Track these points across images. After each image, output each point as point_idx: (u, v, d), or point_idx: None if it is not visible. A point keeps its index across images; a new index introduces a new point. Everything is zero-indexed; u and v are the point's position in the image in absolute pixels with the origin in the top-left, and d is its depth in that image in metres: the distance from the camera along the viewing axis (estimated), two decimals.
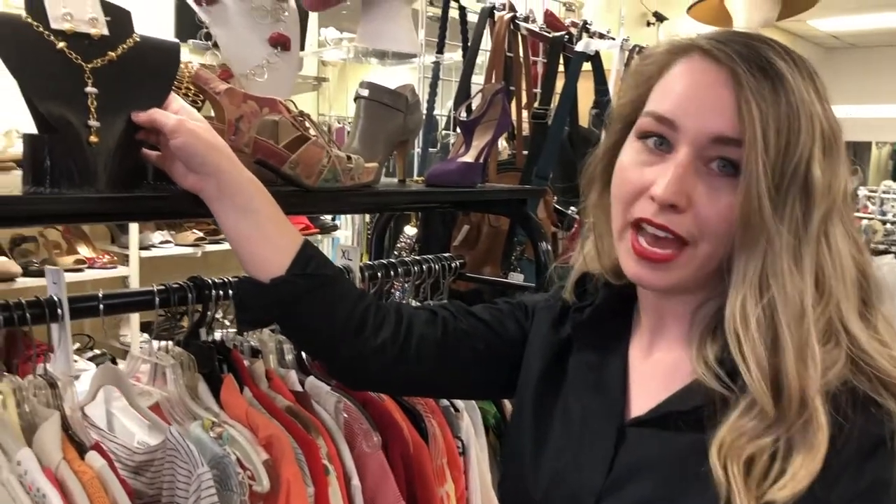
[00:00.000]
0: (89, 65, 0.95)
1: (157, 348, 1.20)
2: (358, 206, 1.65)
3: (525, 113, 2.03)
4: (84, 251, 3.15)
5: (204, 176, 0.90)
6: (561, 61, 1.96)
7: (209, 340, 1.24)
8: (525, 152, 1.99)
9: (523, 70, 2.04)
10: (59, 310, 1.06)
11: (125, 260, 3.24)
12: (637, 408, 0.80)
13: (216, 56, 1.24)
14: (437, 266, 1.59)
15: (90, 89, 0.94)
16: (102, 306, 1.11)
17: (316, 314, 0.92)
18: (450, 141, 2.07)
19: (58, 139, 0.93)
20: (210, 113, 1.10)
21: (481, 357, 0.95)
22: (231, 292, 1.23)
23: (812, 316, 0.69)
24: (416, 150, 2.04)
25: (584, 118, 2.30)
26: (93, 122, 0.93)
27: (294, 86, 1.30)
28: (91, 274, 3.09)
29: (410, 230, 1.99)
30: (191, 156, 0.89)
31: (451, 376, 0.97)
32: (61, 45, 0.93)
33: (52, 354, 1.09)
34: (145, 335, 3.36)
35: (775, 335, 0.68)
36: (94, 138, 0.93)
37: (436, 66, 1.97)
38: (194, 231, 3.50)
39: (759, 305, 0.70)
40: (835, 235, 0.72)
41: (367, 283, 1.42)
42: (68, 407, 1.06)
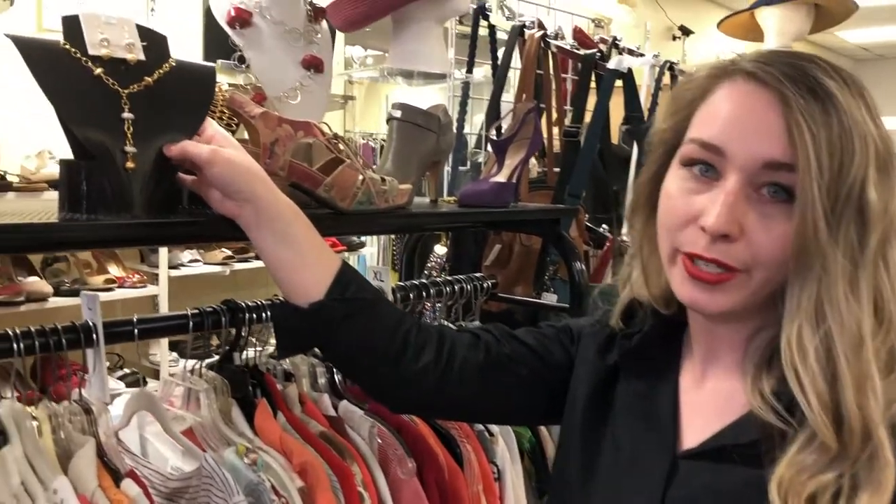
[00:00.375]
0: (126, 90, 0.95)
1: (191, 371, 1.20)
2: (390, 228, 1.64)
3: (555, 130, 2.01)
4: (114, 270, 3.17)
5: (241, 202, 0.89)
6: (591, 78, 1.94)
7: (243, 364, 1.23)
8: (556, 170, 1.97)
9: (553, 87, 2.02)
10: (95, 335, 1.05)
11: (155, 279, 3.26)
12: (689, 440, 0.77)
13: (248, 77, 1.24)
14: (469, 286, 1.57)
15: (127, 115, 0.93)
16: (137, 331, 1.11)
17: (356, 338, 0.90)
18: (478, 159, 2.06)
19: (94, 165, 0.93)
20: (244, 135, 1.10)
21: (524, 382, 0.93)
22: (265, 315, 1.22)
23: (871, 345, 0.66)
24: (446, 169, 2.03)
25: (614, 134, 2.28)
26: (129, 148, 0.93)
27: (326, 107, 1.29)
28: (121, 293, 3.11)
29: (440, 249, 1.97)
30: (227, 184, 0.89)
31: (494, 401, 0.95)
32: (98, 71, 0.93)
33: (87, 379, 1.09)
34: (174, 354, 3.37)
35: (834, 366, 0.66)
36: (131, 164, 0.93)
37: (465, 85, 1.96)
38: (223, 250, 3.51)
39: (817, 335, 0.67)
40: (893, 259, 0.69)
41: (400, 305, 1.41)
42: (103, 433, 1.05)
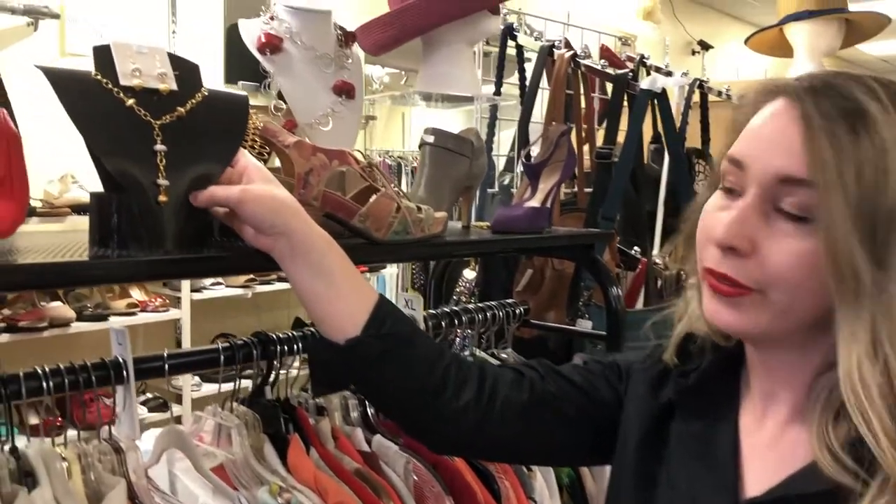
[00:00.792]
0: (158, 121, 0.92)
1: (221, 406, 1.16)
2: (424, 255, 1.61)
3: (585, 150, 1.98)
4: (136, 294, 3.16)
5: (275, 236, 0.87)
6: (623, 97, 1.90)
7: (274, 398, 1.20)
8: (587, 190, 1.93)
9: (583, 107, 1.99)
10: (125, 371, 1.03)
11: (177, 302, 3.24)
12: (752, 486, 0.73)
13: (269, 96, 1.22)
14: (502, 313, 1.53)
15: (159, 147, 0.91)
16: (167, 366, 1.08)
17: (394, 376, 0.87)
18: (505, 180, 2.03)
19: (125, 198, 0.91)
20: (275, 162, 1.07)
21: (571, 421, 0.89)
22: (296, 347, 1.19)
23: None
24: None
25: (643, 153, 2.24)
26: (161, 181, 0.90)
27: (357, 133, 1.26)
28: (143, 317, 3.10)
29: (469, 274, 1.94)
30: (259, 222, 0.86)
31: (538, 441, 0.91)
32: (130, 102, 0.91)
33: (117, 416, 1.06)
34: (196, 378, 3.35)
35: None
36: (163, 197, 0.90)
37: (493, 107, 1.93)
38: None
39: (876, 368, 0.63)
40: None
41: (431, 333, 1.37)
42: (133, 472, 1.02)
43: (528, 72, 1.98)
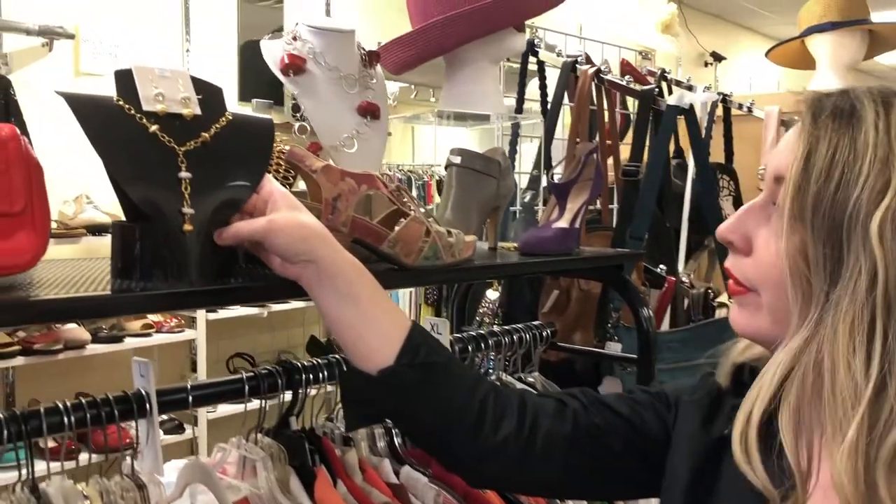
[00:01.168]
0: (182, 148, 0.89)
1: (245, 438, 1.13)
2: (452, 279, 1.57)
3: (608, 164, 1.94)
4: (152, 315, 3.13)
5: (302, 264, 0.84)
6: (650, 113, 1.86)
7: (300, 429, 1.17)
8: (611, 206, 1.90)
9: (607, 123, 1.96)
10: (148, 405, 0.99)
11: (192, 322, 3.22)
12: None
13: (282, 114, 1.19)
14: (528, 335, 1.50)
15: (184, 174, 0.88)
16: (191, 398, 1.05)
17: (430, 407, 0.84)
18: (526, 198, 1.99)
19: (149, 227, 0.88)
20: (299, 186, 1.04)
21: (617, 455, 0.85)
22: (322, 375, 1.16)
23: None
24: None
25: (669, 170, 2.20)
26: (187, 209, 0.87)
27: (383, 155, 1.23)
28: (158, 338, 3.07)
29: (492, 294, 1.90)
30: (286, 251, 0.83)
31: (582, 476, 0.87)
32: (154, 129, 0.88)
33: (139, 451, 1.02)
34: None
35: None
36: (188, 226, 0.87)
37: (515, 125, 1.90)
38: None
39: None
40: None
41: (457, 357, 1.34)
42: None
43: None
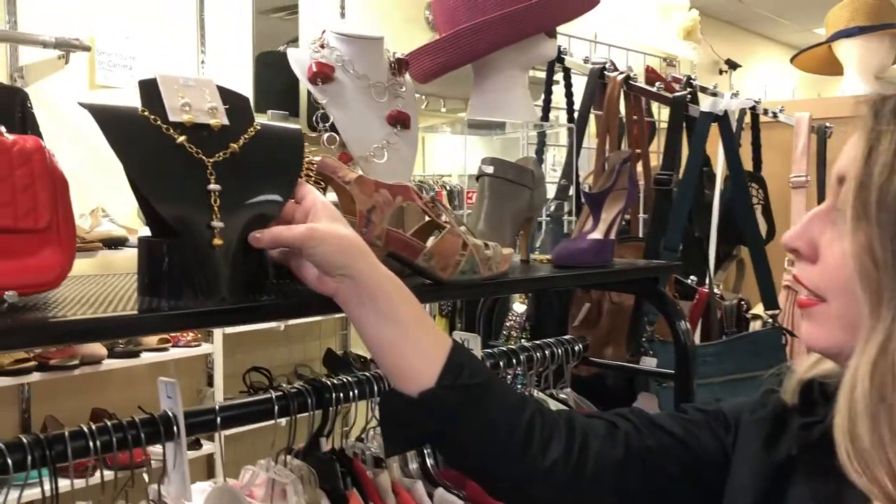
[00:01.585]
0: (211, 159, 0.86)
1: (274, 460, 1.09)
2: (488, 294, 1.53)
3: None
4: None
5: (339, 279, 0.80)
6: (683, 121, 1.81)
7: (330, 450, 1.12)
8: (640, 216, 1.85)
9: (636, 130, 1.91)
10: (175, 427, 0.95)
11: (209, 336, 3.18)
12: None
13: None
14: (560, 350, 1.45)
15: (213, 186, 0.84)
16: (220, 419, 1.00)
17: (473, 430, 0.79)
18: (551, 207, 1.94)
19: (177, 243, 0.84)
20: (330, 196, 1.00)
21: (671, 480, 0.80)
22: (352, 394, 1.12)
23: None
24: None
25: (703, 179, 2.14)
26: (216, 223, 0.83)
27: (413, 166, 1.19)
28: (175, 353, 3.03)
29: (519, 307, 1.85)
30: (325, 263, 0.79)
31: (635, 501, 0.82)
32: (181, 140, 0.84)
33: (167, 475, 0.98)
34: None
35: None
36: (218, 241, 0.83)
37: (541, 134, 1.86)
38: None
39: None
40: None
41: None
42: None
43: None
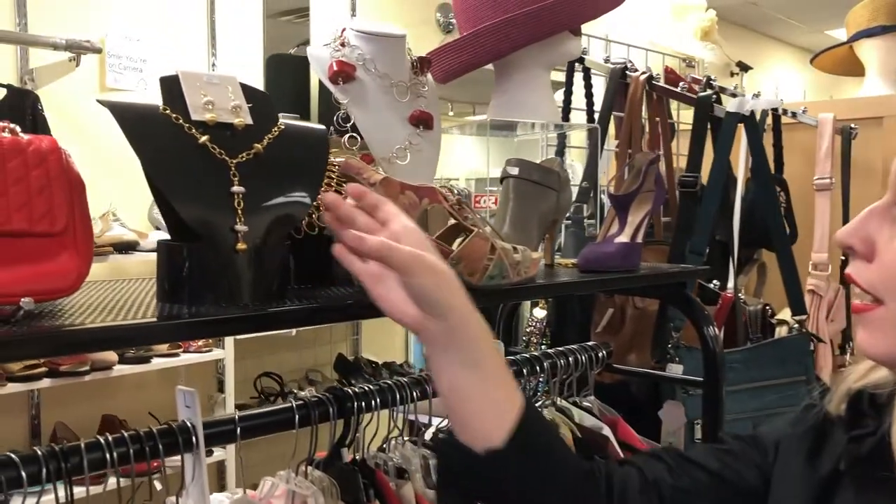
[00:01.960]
0: (234, 160, 0.82)
1: (294, 472, 1.05)
2: (514, 299, 1.49)
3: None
4: None
5: (430, 315, 0.70)
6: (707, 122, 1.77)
7: (351, 461, 1.09)
8: (664, 219, 1.81)
9: (659, 131, 1.87)
10: (194, 438, 0.92)
11: (219, 341, 3.14)
12: None
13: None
14: (584, 357, 1.41)
15: (237, 188, 0.81)
16: (240, 430, 0.97)
17: (528, 490, 0.74)
18: (571, 210, 1.91)
19: (199, 247, 0.81)
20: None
21: None
22: (374, 402, 1.08)
23: None
24: None
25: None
26: (240, 227, 0.80)
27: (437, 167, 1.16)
28: (186, 358, 3.00)
29: (539, 312, 1.82)
30: (425, 297, 0.69)
31: None
32: (203, 139, 0.81)
33: (185, 488, 0.95)
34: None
35: None
36: (242, 245, 0.80)
37: (561, 135, 1.82)
38: None
39: None
40: None
41: None
42: None
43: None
